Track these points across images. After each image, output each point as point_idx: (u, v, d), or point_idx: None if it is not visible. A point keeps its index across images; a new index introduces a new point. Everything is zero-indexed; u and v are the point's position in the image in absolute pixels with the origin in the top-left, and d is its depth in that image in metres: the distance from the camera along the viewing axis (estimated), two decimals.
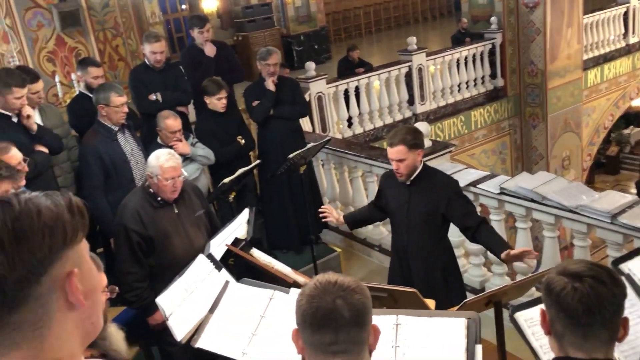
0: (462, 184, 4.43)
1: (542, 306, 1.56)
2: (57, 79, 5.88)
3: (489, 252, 4.50)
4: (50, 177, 3.96)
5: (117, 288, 2.47)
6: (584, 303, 1.46)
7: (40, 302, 0.90)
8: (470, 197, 4.48)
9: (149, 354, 3.78)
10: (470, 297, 4.08)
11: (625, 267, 2.18)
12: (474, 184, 4.44)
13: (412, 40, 9.25)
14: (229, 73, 5.46)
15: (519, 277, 4.21)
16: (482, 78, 10.38)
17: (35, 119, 3.95)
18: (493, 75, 10.56)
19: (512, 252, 3.11)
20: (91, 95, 4.23)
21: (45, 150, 3.86)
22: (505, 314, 2.55)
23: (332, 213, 3.77)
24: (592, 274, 1.50)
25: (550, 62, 10.38)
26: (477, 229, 3.28)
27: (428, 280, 3.43)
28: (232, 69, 5.58)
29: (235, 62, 5.75)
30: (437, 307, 2.72)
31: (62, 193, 0.95)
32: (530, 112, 10.82)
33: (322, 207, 3.85)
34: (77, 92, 5.71)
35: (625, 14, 12.01)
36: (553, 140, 10.81)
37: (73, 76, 5.83)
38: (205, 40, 5.37)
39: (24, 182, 3.05)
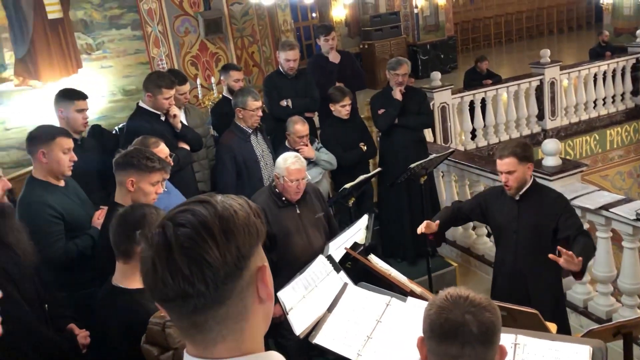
0: (593, 206, 4.21)
1: None
2: (198, 81, 6.37)
3: (618, 282, 4.25)
4: (189, 172, 4.30)
5: None
6: None
7: (241, 296, 0.97)
8: (602, 221, 4.24)
9: (264, 345, 3.98)
10: (592, 325, 3.88)
11: None
12: (606, 207, 4.17)
13: (546, 53, 8.85)
14: (351, 79, 5.60)
15: None
16: (622, 95, 9.67)
17: (181, 117, 4.32)
18: (635, 92, 9.78)
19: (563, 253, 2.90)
20: (232, 98, 4.56)
21: (187, 147, 4.21)
22: (636, 348, 2.40)
23: (430, 226, 3.51)
24: None
25: None
26: (575, 237, 3.16)
27: (536, 297, 3.33)
28: (355, 76, 5.72)
29: (357, 69, 5.88)
30: None
31: (240, 197, 1.03)
32: None
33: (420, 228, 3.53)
34: (214, 95, 6.15)
35: None
36: None
37: (212, 79, 6.28)
38: (330, 48, 5.56)
39: (168, 175, 3.36)
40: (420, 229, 3.51)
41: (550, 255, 2.98)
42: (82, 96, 3.86)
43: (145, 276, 0.95)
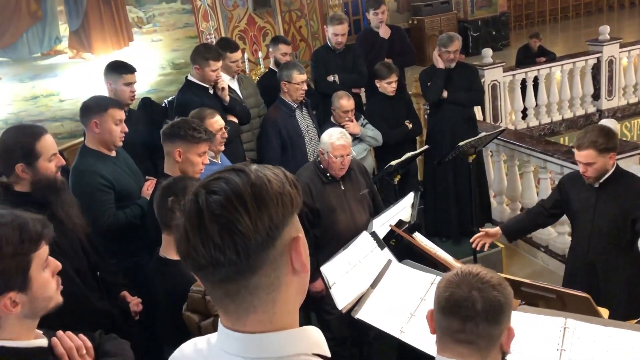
0: None
1: None
2: (245, 56, 6.38)
3: None
4: (238, 145, 4.33)
5: None
6: None
7: (274, 266, 0.95)
8: None
9: (307, 319, 4.02)
10: None
11: None
12: None
13: (605, 30, 8.45)
14: (400, 56, 5.49)
15: None
16: None
17: (234, 87, 4.32)
18: None
19: None
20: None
21: (236, 120, 4.23)
22: None
23: (486, 236, 3.50)
24: None
25: None
26: None
27: (608, 291, 3.18)
28: (404, 52, 5.60)
29: (407, 45, 5.75)
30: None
31: (277, 167, 1.01)
32: None
33: (474, 237, 3.56)
34: (261, 69, 6.16)
35: None
36: None
37: (259, 54, 6.27)
38: (380, 22, 5.45)
39: (223, 148, 3.37)
40: (475, 240, 3.48)
41: None
42: (130, 70, 3.90)
43: (179, 244, 0.95)
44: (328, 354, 1.02)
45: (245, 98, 4.52)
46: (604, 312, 2.41)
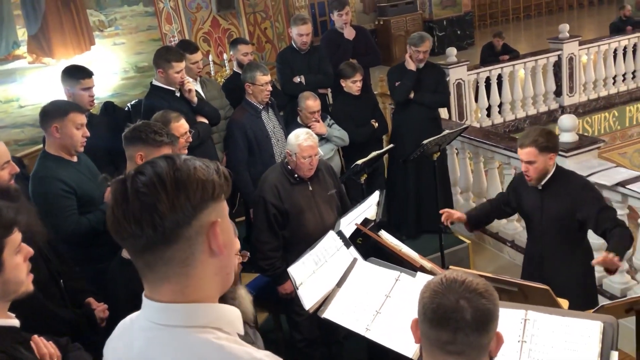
0: (609, 183, 4.15)
1: None
2: (210, 58, 6.33)
3: (633, 259, 4.19)
4: (210, 145, 4.31)
5: (248, 253, 2.67)
6: None
7: (189, 243, 1.06)
8: (618, 197, 4.18)
9: (277, 320, 4.01)
10: (607, 302, 3.84)
11: None
12: (622, 184, 4.11)
13: (564, 28, 8.67)
14: (365, 56, 5.52)
15: None
16: None
17: (197, 89, 4.29)
18: None
19: (598, 260, 2.93)
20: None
21: (206, 120, 4.19)
22: None
23: (453, 214, 3.56)
24: None
25: None
26: (611, 230, 3.04)
27: (565, 286, 3.24)
28: (369, 53, 5.64)
29: (372, 45, 5.79)
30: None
31: (213, 162, 1.12)
32: None
33: (443, 210, 3.61)
34: (227, 71, 6.12)
35: None
36: None
37: (224, 56, 6.23)
38: (344, 23, 5.48)
39: (186, 152, 3.32)
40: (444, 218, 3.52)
41: (593, 262, 2.98)
42: (87, 74, 3.82)
43: (107, 220, 1.06)
44: (242, 332, 1.14)
45: (209, 100, 4.48)
46: (564, 303, 2.47)
